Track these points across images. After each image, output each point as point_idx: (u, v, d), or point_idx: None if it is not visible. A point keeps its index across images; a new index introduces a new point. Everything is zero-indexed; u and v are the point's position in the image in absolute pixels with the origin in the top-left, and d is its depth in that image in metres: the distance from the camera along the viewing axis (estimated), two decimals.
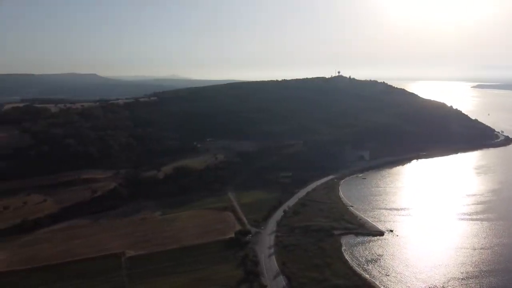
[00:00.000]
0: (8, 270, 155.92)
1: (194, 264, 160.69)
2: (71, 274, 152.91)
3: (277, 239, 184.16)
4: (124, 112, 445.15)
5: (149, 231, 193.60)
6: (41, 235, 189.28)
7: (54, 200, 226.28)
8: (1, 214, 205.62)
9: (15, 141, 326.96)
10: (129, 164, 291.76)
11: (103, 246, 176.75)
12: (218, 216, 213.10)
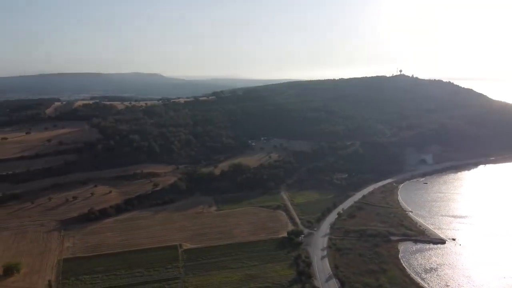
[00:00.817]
0: (74, 256, 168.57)
1: (247, 261, 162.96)
2: (131, 262, 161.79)
3: (331, 242, 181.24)
4: (185, 110, 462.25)
5: (205, 225, 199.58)
6: (105, 224, 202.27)
7: (118, 192, 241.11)
8: (71, 204, 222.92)
9: (85, 135, 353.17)
10: (188, 160, 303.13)
11: (162, 238, 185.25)
12: (271, 215, 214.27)
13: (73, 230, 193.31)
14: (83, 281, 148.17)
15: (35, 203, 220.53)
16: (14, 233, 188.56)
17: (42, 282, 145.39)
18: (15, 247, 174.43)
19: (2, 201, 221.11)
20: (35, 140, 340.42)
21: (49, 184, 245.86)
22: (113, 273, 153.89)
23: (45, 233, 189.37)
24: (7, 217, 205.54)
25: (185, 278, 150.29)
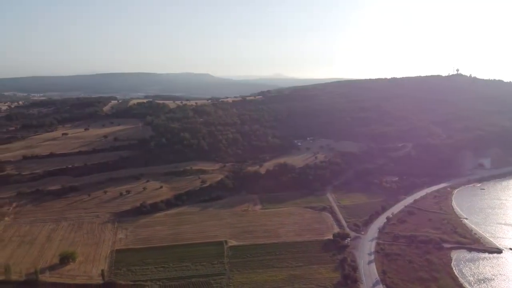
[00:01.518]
0: (126, 248, 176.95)
1: (292, 261, 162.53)
2: (179, 256, 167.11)
3: (379, 246, 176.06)
4: (232, 109, 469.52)
5: (250, 223, 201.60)
6: (156, 218, 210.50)
7: (169, 187, 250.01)
8: (124, 197, 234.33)
9: (139, 132, 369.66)
10: (235, 158, 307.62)
11: (208, 233, 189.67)
12: (316, 216, 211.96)
13: (125, 223, 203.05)
14: (134, 272, 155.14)
15: (92, 196, 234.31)
16: (71, 223, 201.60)
17: (96, 271, 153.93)
18: (72, 237, 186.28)
19: (62, 193, 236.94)
20: (93, 136, 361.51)
21: (105, 178, 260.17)
22: (162, 265, 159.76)
23: (100, 224, 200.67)
24: (66, 208, 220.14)
25: (230, 275, 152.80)
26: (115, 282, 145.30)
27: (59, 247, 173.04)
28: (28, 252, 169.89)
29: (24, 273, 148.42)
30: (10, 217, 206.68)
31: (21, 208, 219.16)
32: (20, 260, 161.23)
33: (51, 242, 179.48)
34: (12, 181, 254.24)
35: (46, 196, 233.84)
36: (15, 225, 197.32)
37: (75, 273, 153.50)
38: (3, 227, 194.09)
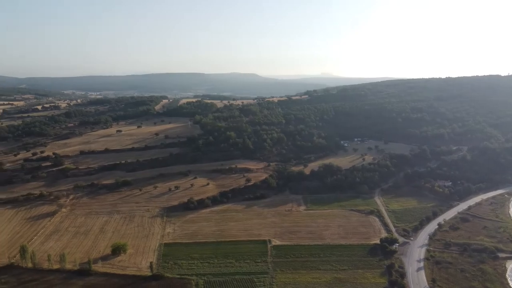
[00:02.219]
0: (173, 242, 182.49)
1: (337, 264, 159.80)
2: (224, 252, 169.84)
3: (428, 253, 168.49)
4: (278, 109, 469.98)
5: (294, 224, 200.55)
6: (202, 214, 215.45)
7: (215, 184, 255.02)
8: (173, 193, 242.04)
9: (188, 131, 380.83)
10: (279, 158, 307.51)
11: (252, 231, 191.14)
12: (363, 219, 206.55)
13: (173, 217, 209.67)
14: (180, 265, 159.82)
15: (143, 190, 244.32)
16: (123, 216, 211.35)
17: (145, 264, 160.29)
18: (124, 229, 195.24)
19: (116, 187, 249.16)
20: (145, 134, 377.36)
21: (156, 173, 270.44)
22: (207, 261, 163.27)
23: (149, 218, 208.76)
24: (119, 202, 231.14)
25: (273, 274, 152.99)
26: (162, 275, 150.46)
27: (111, 239, 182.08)
28: (82, 242, 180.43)
29: (78, 262, 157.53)
30: (67, 208, 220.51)
31: (77, 200, 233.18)
32: (75, 250, 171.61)
33: (104, 234, 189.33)
34: (70, 174, 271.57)
35: (101, 189, 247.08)
36: (71, 216, 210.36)
37: (125, 264, 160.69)
38: (60, 218, 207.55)
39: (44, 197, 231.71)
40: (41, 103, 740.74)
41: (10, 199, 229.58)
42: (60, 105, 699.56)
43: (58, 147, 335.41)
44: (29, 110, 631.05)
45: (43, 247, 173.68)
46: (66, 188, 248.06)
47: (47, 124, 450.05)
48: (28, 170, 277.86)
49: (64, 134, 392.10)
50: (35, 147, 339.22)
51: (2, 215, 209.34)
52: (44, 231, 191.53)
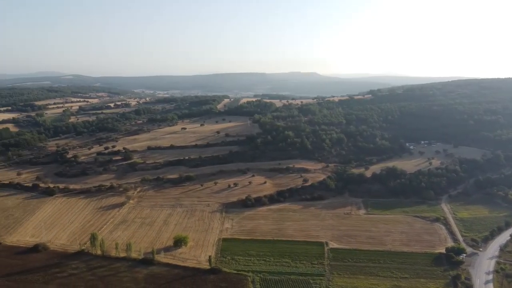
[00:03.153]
0: (231, 237, 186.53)
1: (397, 272, 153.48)
2: (280, 251, 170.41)
3: (498, 266, 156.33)
4: (338, 108, 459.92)
5: (353, 227, 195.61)
6: (259, 212, 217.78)
7: (272, 183, 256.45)
8: (232, 190, 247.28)
9: (247, 129, 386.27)
10: (339, 159, 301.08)
11: (309, 232, 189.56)
12: (428, 227, 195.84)
13: (232, 213, 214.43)
14: (237, 261, 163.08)
15: (204, 186, 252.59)
16: (185, 210, 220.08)
17: (204, 257, 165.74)
18: (185, 223, 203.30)
19: (179, 182, 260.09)
20: (207, 132, 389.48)
21: (216, 170, 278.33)
22: (264, 258, 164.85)
23: (209, 213, 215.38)
24: (182, 196, 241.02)
25: (330, 277, 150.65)
26: (220, 269, 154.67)
27: (173, 231, 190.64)
28: (147, 233, 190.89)
29: (142, 252, 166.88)
30: (134, 200, 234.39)
31: (143, 193, 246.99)
32: (140, 240, 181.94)
33: (167, 226, 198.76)
34: (138, 168, 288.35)
35: (165, 183, 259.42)
36: (138, 208, 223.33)
37: (186, 256, 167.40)
38: (128, 209, 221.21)
39: (114, 189, 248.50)
40: (114, 101, 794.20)
41: (84, 190, 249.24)
42: (131, 103, 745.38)
43: (128, 142, 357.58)
44: (103, 107, 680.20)
45: (112, 236, 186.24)
46: (134, 181, 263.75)
47: (119, 120, 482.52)
48: (101, 163, 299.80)
49: (133, 130, 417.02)
50: (107, 142, 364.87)
51: (75, 204, 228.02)
52: (113, 220, 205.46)
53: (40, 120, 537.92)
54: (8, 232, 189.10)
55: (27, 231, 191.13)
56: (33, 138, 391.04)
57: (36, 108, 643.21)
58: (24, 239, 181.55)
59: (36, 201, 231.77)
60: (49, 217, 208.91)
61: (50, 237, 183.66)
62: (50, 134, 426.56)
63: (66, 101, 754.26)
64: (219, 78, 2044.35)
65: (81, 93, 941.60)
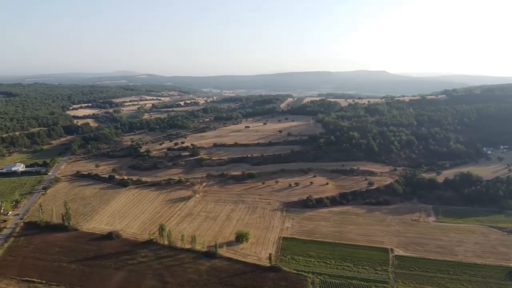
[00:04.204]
0: (291, 237, 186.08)
1: (468, 284, 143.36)
2: (341, 255, 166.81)
3: None
4: (409, 109, 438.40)
5: (421, 235, 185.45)
6: (320, 213, 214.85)
7: (334, 184, 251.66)
8: (293, 189, 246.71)
9: (310, 129, 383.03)
10: (407, 163, 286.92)
11: (372, 238, 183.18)
12: (504, 238, 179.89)
13: (292, 213, 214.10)
14: (297, 261, 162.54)
15: (265, 184, 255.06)
16: (247, 206, 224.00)
17: (264, 254, 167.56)
18: (247, 219, 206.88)
19: (242, 179, 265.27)
20: (270, 130, 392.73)
21: (277, 169, 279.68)
22: (324, 260, 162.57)
23: (270, 211, 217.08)
24: (244, 192, 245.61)
25: (394, 285, 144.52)
26: (280, 267, 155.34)
27: (235, 226, 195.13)
28: (210, 227, 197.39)
29: (206, 244, 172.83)
30: (200, 194, 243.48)
31: (208, 188, 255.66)
32: (204, 233, 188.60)
33: (229, 221, 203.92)
34: (204, 164, 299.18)
35: (229, 179, 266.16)
36: (203, 202, 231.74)
37: (246, 252, 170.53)
38: (194, 203, 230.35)
39: (182, 183, 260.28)
40: (183, 100, 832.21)
41: (154, 183, 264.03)
42: (199, 101, 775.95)
43: (195, 139, 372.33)
44: (173, 105, 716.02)
45: (178, 227, 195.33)
46: (200, 176, 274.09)
47: (188, 118, 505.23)
48: (170, 158, 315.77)
49: (201, 128, 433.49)
50: (177, 138, 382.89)
51: (146, 196, 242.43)
52: (180, 213, 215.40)
53: (117, 116, 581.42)
54: (85, 219, 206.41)
55: (102, 219, 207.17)
56: (110, 133, 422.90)
57: (113, 105, 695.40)
58: (99, 227, 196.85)
59: (112, 191, 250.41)
60: (123, 207, 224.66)
61: (123, 225, 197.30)
62: (125, 129, 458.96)
63: (140, 99, 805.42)
64: (283, 77, 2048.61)
65: (154, 92, 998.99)
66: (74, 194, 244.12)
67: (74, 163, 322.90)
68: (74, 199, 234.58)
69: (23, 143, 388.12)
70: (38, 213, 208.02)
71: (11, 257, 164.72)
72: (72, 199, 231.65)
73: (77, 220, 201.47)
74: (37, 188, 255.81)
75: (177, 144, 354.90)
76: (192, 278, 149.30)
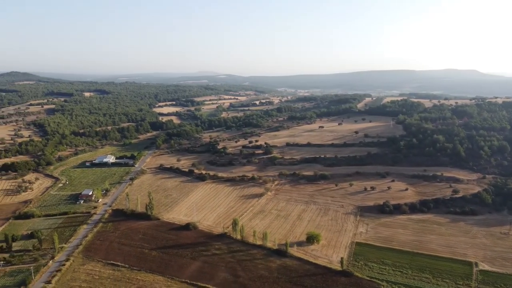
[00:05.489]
0: (365, 242, 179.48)
1: None
2: (420, 265, 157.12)
3: None
4: (502, 112, 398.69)
5: (511, 250, 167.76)
6: (398, 220, 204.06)
7: (415, 190, 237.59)
8: (368, 193, 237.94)
9: (389, 130, 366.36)
10: (498, 170, 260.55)
11: (455, 249, 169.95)
12: None
13: (367, 218, 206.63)
14: (371, 268, 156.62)
15: (339, 186, 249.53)
16: (319, 208, 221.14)
17: (335, 257, 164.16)
18: (318, 220, 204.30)
19: (314, 179, 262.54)
20: (345, 131, 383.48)
21: (352, 171, 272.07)
22: (400, 269, 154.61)
23: (343, 214, 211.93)
24: (316, 193, 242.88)
25: None
26: (352, 273, 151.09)
27: (306, 227, 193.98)
28: (281, 225, 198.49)
29: (276, 242, 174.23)
30: (272, 192, 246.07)
31: (280, 186, 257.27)
32: (275, 231, 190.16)
33: (300, 221, 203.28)
34: (276, 162, 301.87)
35: (301, 179, 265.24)
36: (274, 200, 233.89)
37: (317, 254, 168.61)
38: (266, 200, 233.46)
39: (255, 180, 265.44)
40: (259, 99, 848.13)
41: (229, 178, 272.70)
42: (274, 101, 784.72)
43: (269, 138, 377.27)
44: (249, 104, 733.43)
45: (250, 223, 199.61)
46: (272, 174, 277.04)
47: (262, 117, 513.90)
48: (245, 155, 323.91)
49: (274, 127, 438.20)
50: (251, 136, 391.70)
51: (222, 191, 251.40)
52: (252, 209, 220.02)
53: (197, 114, 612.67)
54: (166, 210, 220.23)
55: (181, 210, 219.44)
56: (191, 129, 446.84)
57: (195, 103, 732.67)
58: (178, 217, 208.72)
59: (191, 184, 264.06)
60: (200, 200, 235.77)
61: (199, 217, 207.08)
62: (205, 127, 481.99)
63: (219, 98, 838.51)
64: (361, 76, 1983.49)
65: (232, 91, 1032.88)
66: (157, 186, 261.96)
67: (158, 156, 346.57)
68: (157, 190, 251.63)
69: (114, 137, 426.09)
70: (125, 201, 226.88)
71: (99, 241, 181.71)
72: (155, 190, 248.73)
73: (159, 210, 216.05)
74: (124, 179, 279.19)
75: (251, 142, 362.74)
76: (262, 274, 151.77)
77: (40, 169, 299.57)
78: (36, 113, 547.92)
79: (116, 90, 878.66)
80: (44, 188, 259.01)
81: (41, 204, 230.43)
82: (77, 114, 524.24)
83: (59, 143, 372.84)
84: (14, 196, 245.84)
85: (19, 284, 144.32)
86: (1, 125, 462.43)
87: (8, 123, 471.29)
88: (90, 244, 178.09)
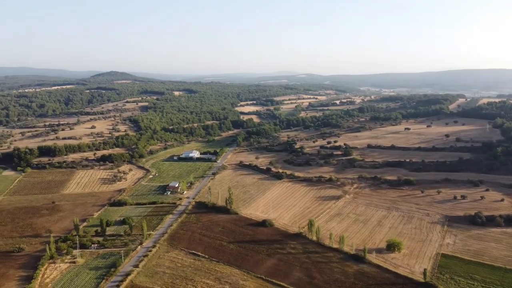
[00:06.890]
0: (452, 255, 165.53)
1: None
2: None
3: None
4: None
5: None
6: (491, 233, 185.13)
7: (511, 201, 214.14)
8: (458, 202, 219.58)
9: (485, 135, 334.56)
10: None
11: None
12: None
13: (455, 228, 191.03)
14: (457, 282, 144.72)
15: (425, 193, 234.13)
16: (401, 215, 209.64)
17: (418, 268, 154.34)
18: (400, 228, 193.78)
19: (397, 184, 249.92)
20: (434, 134, 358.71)
21: (440, 178, 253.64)
22: (490, 286, 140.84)
23: (428, 223, 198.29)
24: (398, 199, 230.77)
25: None
26: (436, 285, 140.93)
27: (387, 234, 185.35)
28: (360, 230, 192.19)
29: (354, 247, 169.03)
30: (350, 195, 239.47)
31: (359, 190, 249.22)
32: (353, 235, 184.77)
33: (380, 227, 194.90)
34: (356, 165, 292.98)
35: (382, 184, 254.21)
36: (353, 204, 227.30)
37: (398, 262, 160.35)
38: (343, 203, 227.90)
39: (332, 182, 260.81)
40: (339, 98, 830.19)
41: (306, 178, 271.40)
42: (355, 100, 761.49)
43: (349, 139, 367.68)
44: (329, 104, 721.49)
45: (326, 225, 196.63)
46: (351, 176, 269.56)
47: (342, 117, 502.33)
48: (322, 156, 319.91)
49: (355, 128, 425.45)
50: (330, 136, 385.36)
51: (298, 190, 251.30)
52: (329, 211, 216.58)
53: (276, 113, 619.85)
54: (244, 205, 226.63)
55: (258, 207, 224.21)
56: (270, 128, 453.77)
57: (274, 103, 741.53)
58: (255, 214, 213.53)
59: (268, 182, 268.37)
60: (276, 198, 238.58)
61: (275, 215, 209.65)
62: (283, 126, 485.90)
63: (298, 98, 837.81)
64: (454, 75, 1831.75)
65: (311, 91, 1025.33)
66: (236, 182, 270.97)
67: (238, 153, 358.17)
68: (236, 186, 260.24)
69: (199, 133, 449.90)
70: (207, 195, 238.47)
71: (182, 231, 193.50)
72: (235, 186, 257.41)
73: (237, 205, 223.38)
74: (207, 173, 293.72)
75: (329, 142, 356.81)
76: (338, 278, 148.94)
77: (133, 161, 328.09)
78: (132, 109, 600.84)
79: (202, 89, 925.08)
80: (136, 179, 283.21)
81: (133, 193, 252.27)
82: (167, 112, 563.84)
83: (151, 138, 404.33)
84: (110, 184, 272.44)
85: (110, 266, 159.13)
86: (101, 120, 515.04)
87: (107, 118, 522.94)
88: (175, 233, 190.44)
